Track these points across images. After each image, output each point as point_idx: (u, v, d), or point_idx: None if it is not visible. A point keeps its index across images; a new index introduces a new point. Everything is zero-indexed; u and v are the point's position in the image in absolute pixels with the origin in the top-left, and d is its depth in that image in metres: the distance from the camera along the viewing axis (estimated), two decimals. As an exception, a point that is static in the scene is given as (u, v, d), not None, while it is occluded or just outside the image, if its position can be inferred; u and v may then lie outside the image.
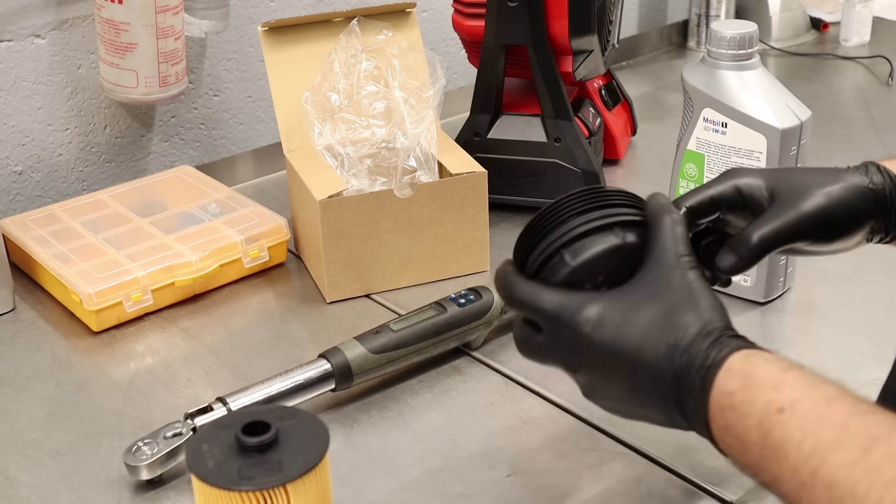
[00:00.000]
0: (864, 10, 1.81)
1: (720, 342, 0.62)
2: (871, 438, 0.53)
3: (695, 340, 0.62)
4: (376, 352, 0.92)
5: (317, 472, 0.66)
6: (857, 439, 0.53)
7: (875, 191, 0.73)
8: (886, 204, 0.74)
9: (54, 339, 1.05)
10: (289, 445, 0.67)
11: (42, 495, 0.84)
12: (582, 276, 0.67)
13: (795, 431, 0.56)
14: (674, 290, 0.65)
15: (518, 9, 1.19)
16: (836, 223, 0.73)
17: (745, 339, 0.63)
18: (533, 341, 0.68)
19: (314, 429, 0.69)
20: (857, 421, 0.54)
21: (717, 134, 1.02)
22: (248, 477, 0.64)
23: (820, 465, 0.54)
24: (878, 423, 0.54)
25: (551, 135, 1.23)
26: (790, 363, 0.60)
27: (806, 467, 0.55)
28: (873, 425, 0.54)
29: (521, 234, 0.71)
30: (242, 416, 0.68)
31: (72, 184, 1.30)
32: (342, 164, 1.09)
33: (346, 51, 1.13)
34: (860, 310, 1.05)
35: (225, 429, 0.68)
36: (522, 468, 0.84)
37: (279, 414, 0.69)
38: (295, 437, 0.68)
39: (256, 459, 0.66)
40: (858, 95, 1.66)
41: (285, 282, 1.14)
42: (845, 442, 0.53)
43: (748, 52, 1.01)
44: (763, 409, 0.58)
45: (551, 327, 0.66)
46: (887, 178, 0.74)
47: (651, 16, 1.88)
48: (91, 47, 1.26)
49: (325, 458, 0.67)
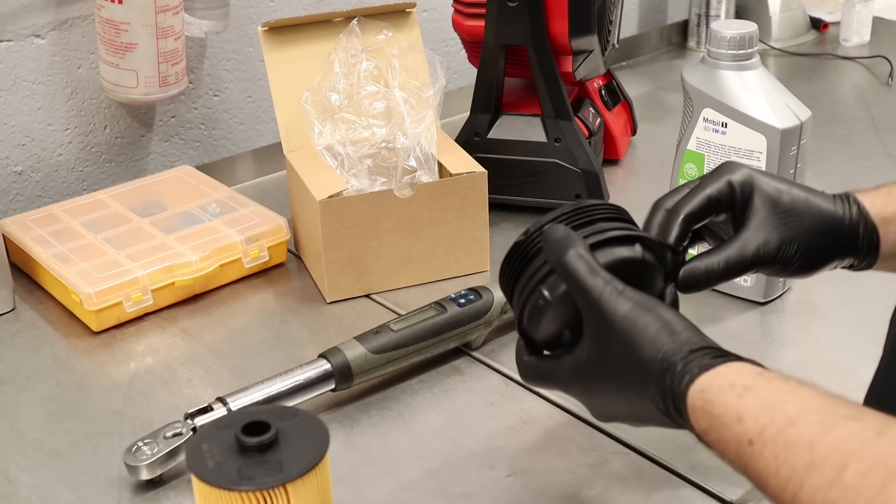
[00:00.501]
0: (864, 10, 1.81)
1: (676, 378, 0.62)
2: (843, 455, 0.53)
3: (658, 387, 0.62)
4: (376, 352, 0.92)
5: (317, 472, 0.66)
6: (829, 459, 0.53)
7: (851, 226, 0.74)
8: (858, 241, 0.75)
9: (54, 339, 1.05)
10: (289, 445, 0.67)
11: (42, 495, 0.84)
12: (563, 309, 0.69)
13: (769, 461, 0.56)
14: (617, 340, 0.64)
15: (518, 9, 1.19)
16: (800, 262, 0.74)
17: (694, 352, 0.62)
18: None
19: (314, 429, 0.69)
20: (826, 438, 0.54)
21: (717, 134, 1.02)
22: (248, 477, 0.64)
23: (798, 489, 0.54)
24: (846, 436, 0.54)
25: (551, 135, 1.23)
26: (745, 383, 0.59)
27: (786, 493, 0.55)
28: (842, 440, 0.54)
29: (500, 273, 0.73)
30: (242, 416, 0.68)
31: (72, 184, 1.30)
32: (342, 164, 1.09)
33: (346, 51, 1.13)
34: (860, 310, 1.05)
35: (225, 429, 0.68)
36: (522, 468, 0.84)
37: (279, 414, 0.69)
38: (295, 437, 0.68)
39: (256, 459, 0.66)
40: (858, 95, 1.66)
41: (285, 282, 1.14)
42: (818, 464, 0.53)
43: (748, 52, 1.01)
44: (735, 444, 0.58)
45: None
46: (865, 221, 0.74)
47: (651, 16, 1.88)
48: (91, 47, 1.26)
49: (326, 458, 0.67)
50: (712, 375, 0.61)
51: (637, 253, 0.70)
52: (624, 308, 0.64)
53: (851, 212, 0.74)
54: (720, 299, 1.06)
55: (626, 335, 0.64)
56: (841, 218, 0.74)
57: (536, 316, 0.69)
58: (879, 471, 0.51)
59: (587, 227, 0.70)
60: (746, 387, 0.59)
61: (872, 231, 0.74)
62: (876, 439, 0.53)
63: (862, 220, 0.74)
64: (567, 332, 0.70)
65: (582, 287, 0.65)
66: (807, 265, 0.75)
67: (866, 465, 0.52)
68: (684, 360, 0.62)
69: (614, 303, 0.64)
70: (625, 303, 0.64)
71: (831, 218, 0.74)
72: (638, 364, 0.63)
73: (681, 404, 0.61)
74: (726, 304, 1.06)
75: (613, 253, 0.69)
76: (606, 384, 0.66)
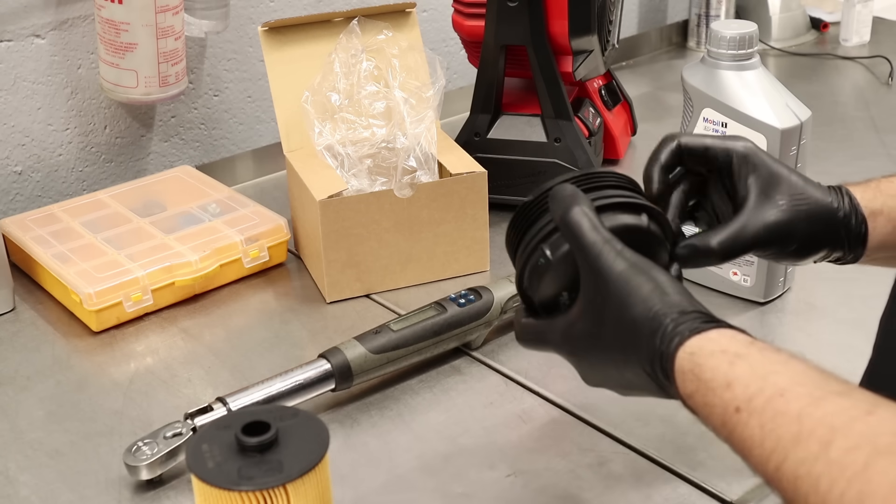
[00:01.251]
0: (864, 10, 1.81)
1: (665, 339, 0.62)
2: (829, 430, 0.53)
3: (647, 347, 0.63)
4: (376, 352, 0.92)
5: (317, 472, 0.66)
6: (816, 433, 0.53)
7: (844, 217, 0.75)
8: (850, 232, 0.76)
9: (54, 339, 1.05)
10: (289, 445, 0.67)
11: (42, 495, 0.84)
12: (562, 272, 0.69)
13: (755, 430, 0.56)
14: (611, 298, 0.65)
15: (518, 9, 1.19)
16: (796, 246, 0.75)
17: (685, 314, 0.62)
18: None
19: (314, 429, 0.69)
20: (815, 412, 0.54)
21: (717, 134, 1.02)
22: (248, 477, 0.64)
23: (783, 460, 0.54)
24: (834, 411, 0.54)
25: (551, 135, 1.23)
26: (736, 350, 0.60)
27: (770, 463, 0.55)
28: (830, 414, 0.54)
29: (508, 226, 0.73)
30: (242, 416, 0.68)
31: (72, 184, 1.30)
32: (342, 164, 1.09)
33: (346, 51, 1.13)
34: (860, 310, 1.05)
35: (225, 429, 0.68)
36: (522, 468, 0.84)
37: (279, 414, 0.69)
38: (295, 437, 0.68)
39: (256, 459, 0.66)
40: (858, 95, 1.66)
41: (285, 282, 1.14)
42: (804, 436, 0.54)
43: (748, 52, 1.01)
44: (721, 410, 0.59)
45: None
46: (855, 215, 0.75)
47: (651, 16, 1.88)
48: (91, 47, 1.26)
49: (326, 458, 0.67)
50: (703, 339, 0.61)
51: (642, 222, 0.71)
52: (620, 266, 0.65)
53: (844, 203, 0.76)
54: (720, 299, 1.07)
55: (619, 293, 0.64)
56: (835, 208, 0.75)
57: (537, 275, 0.70)
58: (865, 448, 0.51)
59: (595, 192, 0.71)
60: (738, 354, 0.59)
61: (862, 222, 0.76)
62: (864, 417, 0.53)
63: (853, 211, 0.76)
64: (565, 295, 0.70)
65: (582, 243, 0.66)
66: (801, 251, 0.76)
67: (852, 441, 0.52)
68: (675, 321, 0.62)
69: (611, 261, 0.65)
70: (621, 262, 0.65)
71: (826, 207, 0.75)
72: (629, 323, 0.63)
73: (668, 365, 0.61)
74: (726, 304, 1.06)
75: (618, 219, 0.70)
76: (597, 344, 0.66)
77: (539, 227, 0.70)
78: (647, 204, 0.72)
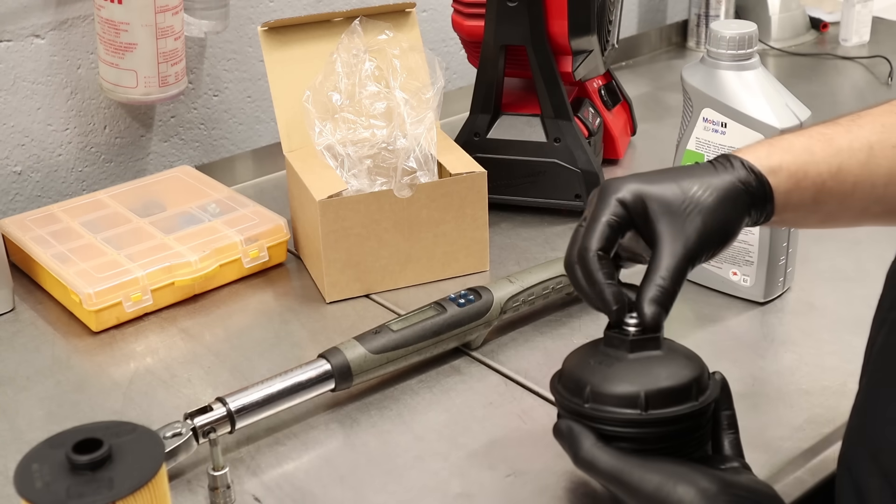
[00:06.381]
0: (863, 10, 1.81)
1: None
2: None
3: None
4: (376, 352, 0.92)
5: (150, 488, 0.64)
6: None
7: (742, 182, 0.75)
8: (753, 195, 0.76)
9: (54, 339, 1.05)
10: (122, 462, 0.64)
11: (42, 495, 0.84)
12: None
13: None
14: None
15: (518, 9, 1.19)
16: (721, 236, 0.75)
17: None
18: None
19: (150, 444, 0.66)
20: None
21: (717, 134, 1.02)
22: (76, 495, 0.62)
23: None
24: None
25: (551, 135, 1.23)
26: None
27: None
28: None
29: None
30: (75, 434, 0.65)
31: (71, 184, 1.30)
32: (342, 165, 1.09)
33: (348, 50, 1.13)
34: (860, 310, 1.05)
35: (57, 447, 0.65)
36: (522, 468, 0.84)
37: (115, 430, 0.66)
38: (129, 453, 0.65)
39: (87, 478, 0.63)
40: (858, 95, 1.66)
41: (285, 282, 1.14)
42: None
43: (748, 52, 1.01)
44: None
45: None
46: (751, 173, 0.76)
47: (651, 16, 1.88)
48: (91, 47, 1.26)
49: (161, 472, 0.65)
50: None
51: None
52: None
53: (735, 169, 0.76)
54: (720, 299, 1.07)
55: None
56: (730, 180, 0.75)
57: None
58: None
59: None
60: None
61: (762, 180, 0.76)
62: None
63: (748, 172, 0.76)
64: None
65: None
66: (724, 237, 0.76)
67: None
68: None
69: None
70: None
71: (721, 185, 0.75)
72: None
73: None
74: (726, 304, 1.06)
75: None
76: None
77: None
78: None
